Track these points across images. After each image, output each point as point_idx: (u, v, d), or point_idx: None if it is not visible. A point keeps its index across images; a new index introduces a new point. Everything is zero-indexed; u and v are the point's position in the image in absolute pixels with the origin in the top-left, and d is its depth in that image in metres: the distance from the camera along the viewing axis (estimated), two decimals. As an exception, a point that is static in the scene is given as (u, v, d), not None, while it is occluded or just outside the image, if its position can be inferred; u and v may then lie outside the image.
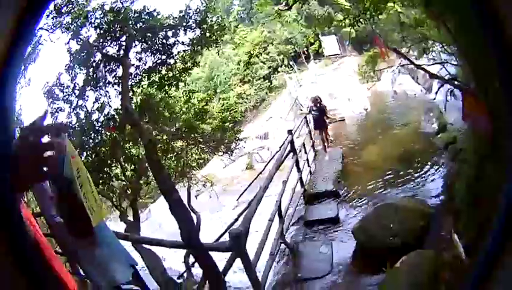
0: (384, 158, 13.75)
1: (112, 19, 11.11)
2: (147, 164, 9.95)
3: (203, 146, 14.55)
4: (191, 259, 9.59)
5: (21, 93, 10.46)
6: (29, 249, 1.21)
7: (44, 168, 1.45)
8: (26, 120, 11.34)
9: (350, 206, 10.99)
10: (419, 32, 10.47)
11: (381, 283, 6.65)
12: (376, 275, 7.09)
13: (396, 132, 16.87)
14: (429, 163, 11.86)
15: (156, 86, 13.07)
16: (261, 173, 16.90)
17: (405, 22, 10.91)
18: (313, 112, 16.07)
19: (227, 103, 30.98)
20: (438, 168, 11.40)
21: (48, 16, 10.14)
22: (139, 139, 10.72)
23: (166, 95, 13.51)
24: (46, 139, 1.61)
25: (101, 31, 11.11)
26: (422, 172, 11.52)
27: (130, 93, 11.62)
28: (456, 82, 8.62)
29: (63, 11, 10.68)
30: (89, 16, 10.98)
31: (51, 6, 10.18)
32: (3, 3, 1.17)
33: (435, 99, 13.48)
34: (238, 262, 6.05)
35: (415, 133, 15.23)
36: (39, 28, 9.77)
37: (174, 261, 11.79)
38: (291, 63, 33.42)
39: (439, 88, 12.09)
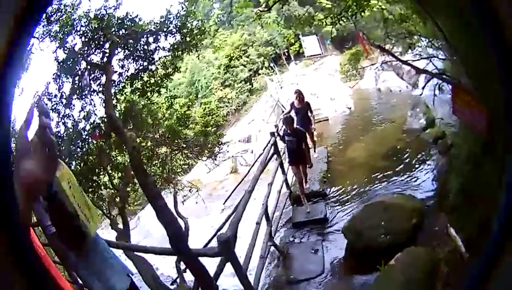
0: (370, 156, 13.83)
1: (96, 26, 11.11)
2: (132, 172, 9.93)
3: (186, 151, 14.63)
4: (183, 265, 9.56)
5: (15, 102, 10.46)
6: (29, 249, 1.18)
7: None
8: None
9: (338, 205, 10.98)
10: (404, 28, 10.50)
11: (376, 281, 6.62)
12: (369, 274, 7.08)
13: (381, 129, 16.94)
14: (417, 159, 11.89)
15: (138, 93, 13.08)
16: (245, 176, 16.97)
17: (389, 18, 10.93)
18: (295, 108, 13.77)
19: (208, 107, 30.93)
20: (427, 164, 11.39)
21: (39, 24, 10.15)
22: (124, 147, 10.73)
23: (149, 102, 13.60)
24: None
25: (86, 39, 11.11)
26: (411, 168, 11.52)
27: (114, 101, 11.79)
28: (444, 76, 8.63)
29: (52, 19, 10.67)
30: (75, 24, 10.98)
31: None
32: (3, 3, 1.15)
33: (421, 94, 13.47)
34: (230, 267, 6.05)
35: (401, 129, 15.21)
36: (31, 36, 9.76)
37: (166, 267, 11.79)
38: (271, 64, 33.42)
39: (426, 83, 12.14)
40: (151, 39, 12.24)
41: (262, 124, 27.52)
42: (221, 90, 32.08)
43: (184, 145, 14.14)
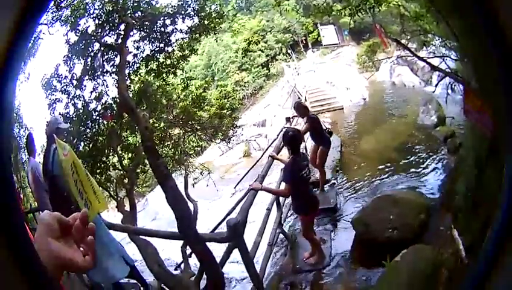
0: (382, 148, 13.79)
1: (110, 9, 11.07)
2: (143, 152, 9.90)
3: (200, 133, 14.57)
4: (189, 249, 9.52)
5: (20, 88, 10.44)
6: (29, 249, 1.16)
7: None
8: (25, 116, 11.34)
9: (349, 195, 10.97)
10: (419, 26, 10.42)
11: (381, 277, 6.58)
12: (374, 268, 7.03)
13: (394, 123, 16.98)
14: (428, 155, 11.86)
15: (153, 74, 13.07)
16: (258, 160, 16.64)
17: (405, 15, 10.86)
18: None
19: (225, 90, 30.82)
20: (437, 161, 11.35)
21: (47, 11, 10.11)
22: (136, 128, 10.69)
23: (164, 83, 13.54)
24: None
25: (100, 21, 11.09)
26: (421, 164, 11.48)
27: (128, 81, 11.77)
28: (457, 76, 8.57)
29: (62, 5, 10.64)
30: (87, 7, 10.95)
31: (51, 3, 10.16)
32: (3, 3, 1.12)
33: (434, 92, 13.38)
34: (237, 253, 5.99)
35: (414, 124, 15.19)
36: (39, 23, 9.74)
37: (171, 251, 11.75)
38: (289, 51, 33.24)
39: (439, 81, 12.05)
40: (168, 21, 12.25)
41: (278, 109, 27.45)
42: (237, 74, 31.95)
43: (198, 127, 14.11)
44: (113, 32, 11.36)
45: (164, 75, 13.12)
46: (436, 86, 12.66)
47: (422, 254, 6.31)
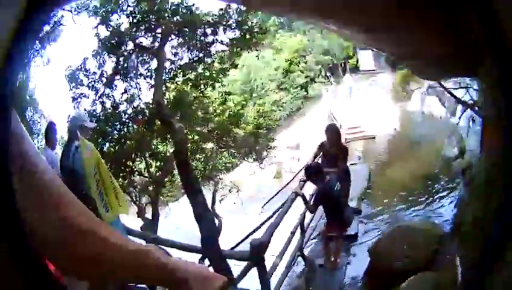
0: (407, 178, 13.78)
1: (146, 8, 11.03)
2: (174, 162, 9.83)
3: (234, 151, 14.56)
4: (206, 262, 9.52)
5: (36, 72, 10.47)
6: (29, 249, 1.11)
7: None
8: (41, 100, 11.31)
9: (371, 224, 10.95)
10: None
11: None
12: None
13: (421, 153, 16.91)
14: (447, 186, 12.01)
15: (191, 84, 12.93)
16: (289, 183, 16.45)
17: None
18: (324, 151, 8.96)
19: (262, 109, 30.22)
20: (454, 192, 11.46)
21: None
22: (168, 136, 10.67)
23: (201, 95, 13.39)
24: None
25: (134, 20, 11.05)
26: (440, 195, 11.64)
27: (163, 88, 11.57)
28: (477, 108, 8.54)
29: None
30: (120, 2, 10.97)
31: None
32: (3, 3, 1.08)
33: (458, 123, 13.44)
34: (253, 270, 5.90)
35: (438, 155, 15.24)
36: (61, 9, 9.76)
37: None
38: (328, 74, 33.06)
39: (462, 113, 12.10)
40: (208, 30, 12.09)
41: (314, 133, 27.11)
42: (276, 92, 31.79)
43: (232, 144, 14.08)
44: (149, 34, 11.30)
45: (202, 86, 13.03)
46: (459, 118, 12.81)
47: (426, 280, 6.52)
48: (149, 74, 11.80)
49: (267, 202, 18.32)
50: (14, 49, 1.00)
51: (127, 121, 12.06)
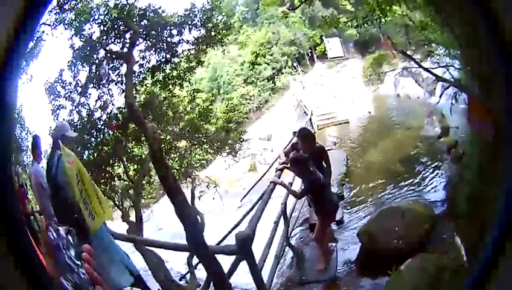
0: (387, 161, 13.78)
1: (115, 15, 11.10)
2: (150, 164, 9.87)
3: (206, 146, 14.67)
4: (194, 260, 9.52)
5: (22, 89, 10.46)
6: (29, 249, 1.16)
7: None
8: (27, 117, 11.33)
9: (355, 208, 11.00)
10: (424, 36, 10.47)
11: (386, 286, 6.60)
12: (381, 278, 7.01)
13: (399, 135, 16.94)
14: (432, 166, 11.94)
15: (159, 85, 13.06)
16: (264, 174, 16.33)
17: (410, 25, 10.92)
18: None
19: (231, 103, 30.08)
20: (440, 171, 11.45)
21: (50, 11, 10.14)
22: (142, 139, 10.69)
23: (170, 95, 13.50)
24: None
25: (105, 28, 11.11)
26: (425, 175, 11.54)
27: (133, 92, 11.57)
28: (461, 85, 8.61)
29: (65, 7, 10.67)
30: (92, 12, 10.97)
31: (54, 2, 10.19)
32: (3, 3, 1.12)
33: (438, 102, 13.46)
34: (243, 264, 5.94)
35: (418, 136, 15.26)
36: (42, 24, 9.76)
37: (176, 262, 11.73)
38: (295, 64, 33.03)
39: (442, 92, 12.16)
40: (174, 31, 12.27)
41: (284, 123, 27.24)
42: (243, 87, 31.84)
43: (204, 140, 14.18)
44: (119, 40, 11.40)
45: (170, 86, 13.15)
46: (440, 96, 12.80)
47: (425, 261, 6.40)
48: (120, 79, 11.84)
49: (244, 196, 18.52)
50: (13, 49, 1.05)
51: (102, 127, 12.11)
